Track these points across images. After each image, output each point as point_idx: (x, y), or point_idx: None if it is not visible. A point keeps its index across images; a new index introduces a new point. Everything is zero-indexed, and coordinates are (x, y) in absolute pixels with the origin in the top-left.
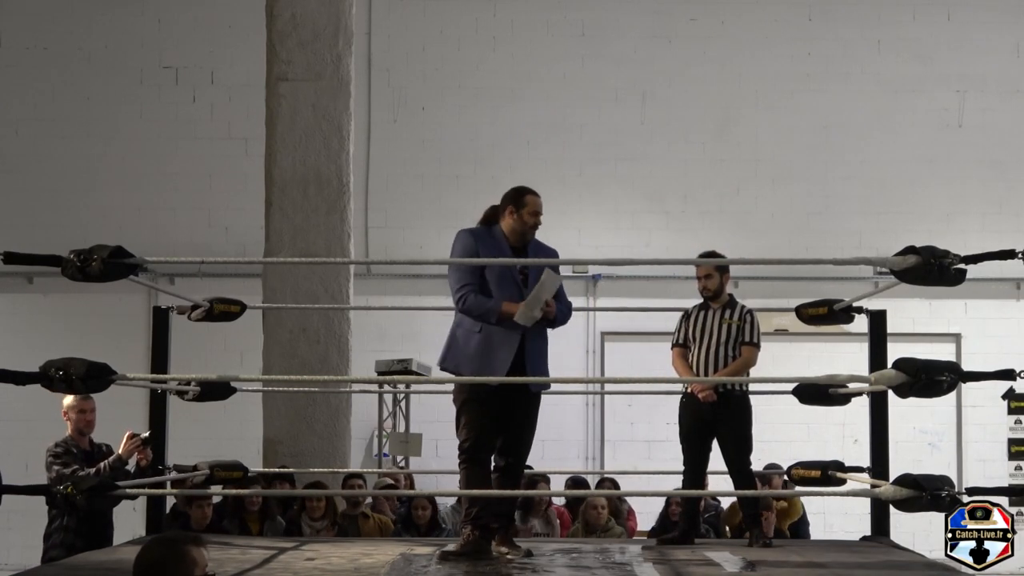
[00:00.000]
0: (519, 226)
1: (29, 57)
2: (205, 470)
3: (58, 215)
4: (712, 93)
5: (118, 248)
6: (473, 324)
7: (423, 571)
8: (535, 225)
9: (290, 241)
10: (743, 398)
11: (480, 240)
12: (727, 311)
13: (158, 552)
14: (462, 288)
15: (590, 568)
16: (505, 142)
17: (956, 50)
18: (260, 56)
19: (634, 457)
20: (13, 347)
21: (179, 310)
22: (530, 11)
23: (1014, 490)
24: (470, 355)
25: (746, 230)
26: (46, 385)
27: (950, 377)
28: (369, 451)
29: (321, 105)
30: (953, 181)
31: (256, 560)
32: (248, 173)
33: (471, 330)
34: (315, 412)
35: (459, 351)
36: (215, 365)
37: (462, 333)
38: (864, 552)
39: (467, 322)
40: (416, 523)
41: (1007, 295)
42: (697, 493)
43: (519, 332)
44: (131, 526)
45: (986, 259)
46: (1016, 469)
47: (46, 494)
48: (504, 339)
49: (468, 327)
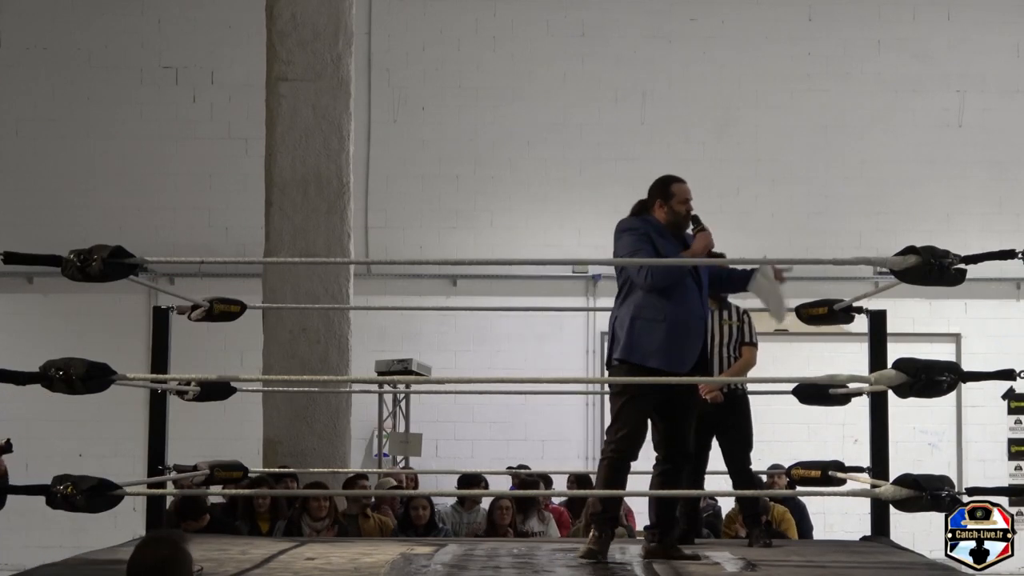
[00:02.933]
0: (671, 217)
1: (29, 57)
2: (205, 470)
3: (58, 215)
4: (712, 93)
5: (118, 248)
6: (656, 313)
7: (423, 571)
8: (688, 212)
9: (290, 241)
10: (744, 398)
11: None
12: (724, 312)
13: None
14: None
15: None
16: (505, 142)
17: (956, 50)
18: (260, 56)
19: None
20: (13, 347)
21: (179, 310)
22: (530, 11)
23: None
24: (657, 347)
25: (746, 230)
26: (46, 385)
27: (950, 377)
28: (369, 451)
29: (321, 105)
30: (953, 181)
31: (256, 560)
32: (248, 173)
33: (654, 319)
34: (315, 412)
35: (644, 344)
36: (215, 365)
37: (643, 324)
38: (864, 552)
39: (648, 312)
40: (415, 523)
41: (1007, 295)
42: (697, 493)
43: (703, 316)
44: (131, 526)
45: (986, 259)
46: (1016, 469)
47: (46, 494)
48: (692, 325)
49: (650, 316)
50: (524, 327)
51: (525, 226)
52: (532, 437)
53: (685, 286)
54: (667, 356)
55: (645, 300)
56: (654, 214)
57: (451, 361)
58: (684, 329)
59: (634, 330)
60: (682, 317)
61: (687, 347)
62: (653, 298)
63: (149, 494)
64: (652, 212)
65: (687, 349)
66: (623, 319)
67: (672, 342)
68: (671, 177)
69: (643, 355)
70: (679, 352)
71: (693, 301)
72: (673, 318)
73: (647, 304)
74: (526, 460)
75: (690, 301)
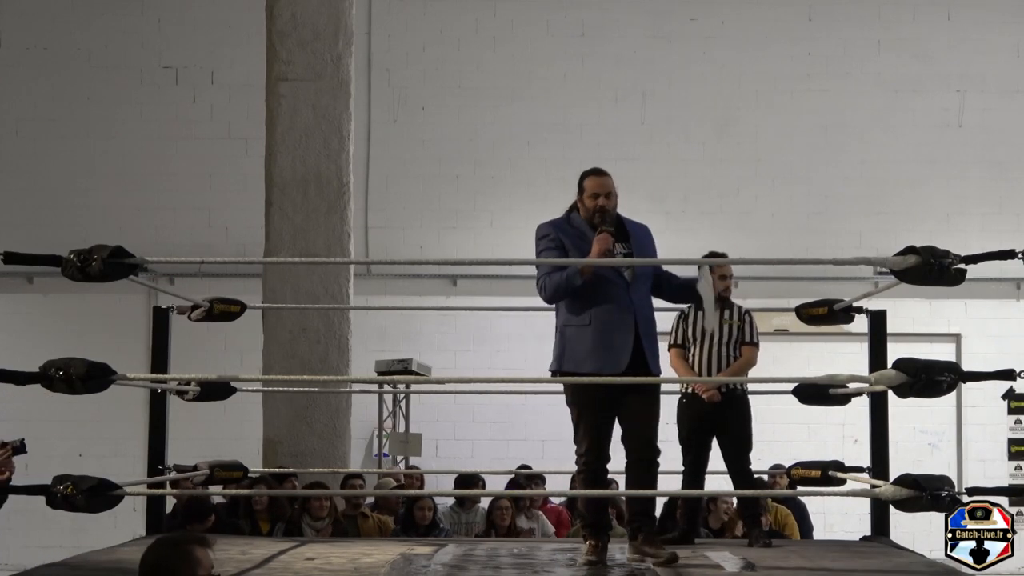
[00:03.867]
0: (586, 212)
1: (29, 57)
2: (205, 470)
3: (58, 215)
4: (712, 93)
5: (118, 248)
6: (582, 318)
7: (423, 571)
8: (602, 206)
9: (290, 241)
10: (744, 398)
11: (559, 229)
12: (726, 311)
13: (162, 553)
14: (539, 279)
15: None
16: (505, 142)
17: (956, 50)
18: (260, 56)
19: None
20: (13, 347)
21: (179, 310)
22: (530, 11)
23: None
24: (588, 351)
25: (746, 230)
26: (46, 385)
27: (950, 377)
28: (369, 451)
29: (321, 105)
30: (953, 181)
31: (256, 560)
32: (248, 173)
33: (581, 324)
34: (315, 412)
35: (575, 350)
36: (215, 365)
37: (572, 331)
38: (864, 552)
39: (574, 318)
40: (418, 523)
41: (1007, 295)
42: (697, 493)
43: (631, 312)
44: (131, 526)
45: (986, 259)
46: (1016, 469)
47: (46, 494)
48: (620, 324)
49: (576, 322)
50: (524, 327)
51: (525, 226)
52: (532, 437)
53: (608, 283)
54: (599, 358)
55: (571, 307)
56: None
57: (451, 361)
58: (612, 328)
59: (565, 338)
60: (607, 316)
61: (617, 345)
62: (576, 302)
63: (149, 494)
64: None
65: (618, 347)
66: (558, 328)
67: (601, 343)
68: (587, 171)
69: (575, 362)
70: (610, 352)
71: (619, 297)
72: (599, 319)
73: (572, 310)
74: (526, 460)
75: (615, 298)
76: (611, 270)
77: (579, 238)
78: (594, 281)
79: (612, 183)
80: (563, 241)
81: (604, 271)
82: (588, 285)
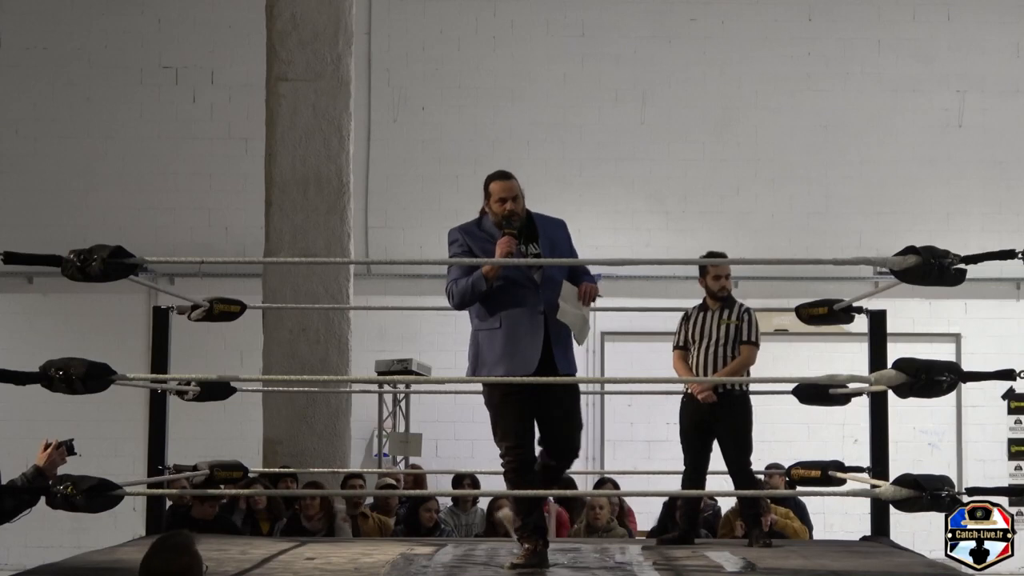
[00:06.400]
0: (493, 216)
1: (29, 57)
2: (205, 470)
3: (58, 215)
4: (712, 93)
5: (118, 248)
6: (492, 321)
7: (423, 571)
8: (510, 211)
9: (290, 241)
10: (743, 398)
11: (468, 234)
12: (725, 311)
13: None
14: (447, 285)
15: (590, 568)
16: (505, 142)
17: (956, 50)
18: (260, 56)
19: (634, 457)
20: (13, 347)
21: (179, 310)
22: (530, 11)
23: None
24: (498, 355)
25: (746, 230)
26: (46, 385)
27: (950, 377)
28: (369, 451)
29: (321, 105)
30: (953, 181)
31: (256, 560)
32: (248, 173)
33: (491, 328)
34: (315, 412)
35: (486, 354)
36: (215, 365)
37: (484, 336)
38: (864, 552)
39: (485, 322)
40: (424, 524)
41: (1007, 295)
42: (697, 493)
43: (541, 315)
44: (131, 526)
45: (986, 259)
46: (1016, 469)
47: (46, 494)
48: (528, 327)
49: (487, 326)
50: None
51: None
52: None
53: (515, 285)
54: (509, 361)
55: (479, 311)
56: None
57: (451, 361)
58: (521, 330)
59: (477, 342)
60: (516, 318)
61: (526, 346)
62: (487, 308)
63: (149, 494)
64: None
65: (527, 348)
66: (472, 332)
67: (511, 346)
68: (491, 175)
69: (487, 366)
70: (519, 354)
71: (528, 298)
72: (508, 323)
73: (483, 315)
74: None
75: (524, 300)
76: (520, 272)
77: (487, 242)
78: (503, 284)
79: (518, 185)
80: (471, 246)
81: (512, 274)
82: (497, 289)
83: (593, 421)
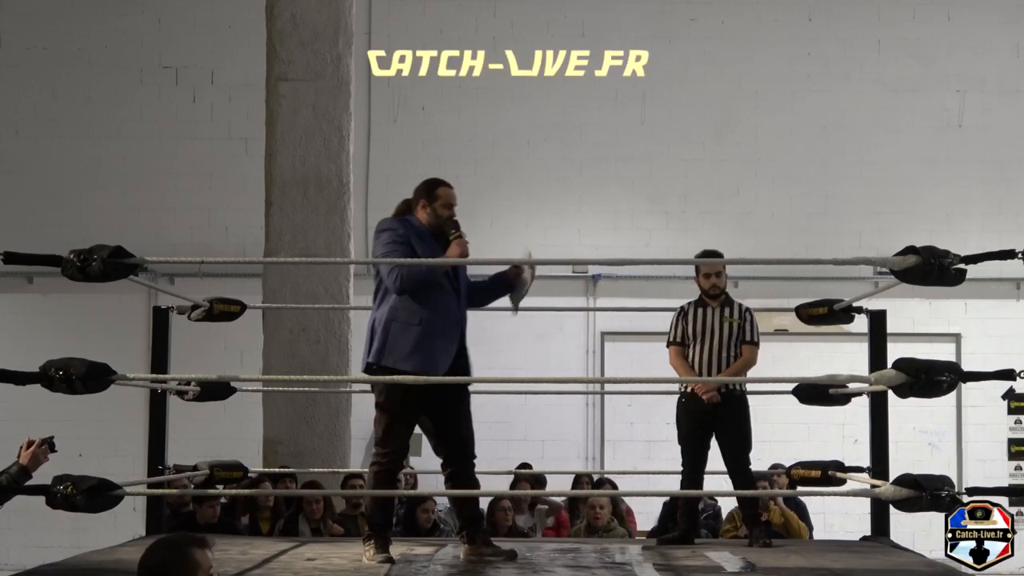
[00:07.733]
0: (434, 219)
1: (29, 57)
2: (205, 470)
3: (58, 215)
4: (712, 93)
5: (118, 248)
6: (411, 316)
7: (423, 571)
8: (450, 218)
9: (290, 241)
10: (743, 398)
11: (406, 226)
12: (726, 309)
13: (161, 555)
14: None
15: (590, 568)
16: (505, 142)
17: (956, 50)
18: (260, 56)
19: (634, 457)
20: (13, 347)
21: (179, 310)
22: (530, 11)
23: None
24: (411, 350)
25: (746, 230)
26: (46, 385)
27: (950, 377)
28: (369, 451)
29: (321, 105)
30: (953, 181)
31: (256, 560)
32: (248, 173)
33: (409, 322)
34: (315, 412)
35: (397, 347)
36: (215, 365)
37: (397, 327)
38: (864, 552)
39: (403, 315)
40: (422, 525)
41: (1007, 295)
42: (697, 493)
43: (460, 320)
44: (131, 526)
45: (986, 259)
46: (1016, 469)
47: (46, 494)
48: (447, 329)
49: (405, 320)
50: (524, 327)
51: (525, 226)
52: (532, 437)
53: (441, 289)
54: (421, 359)
55: (400, 303)
56: (417, 215)
57: None
58: (439, 332)
59: (389, 333)
60: (437, 321)
61: (440, 349)
62: (408, 301)
63: (149, 494)
64: (415, 212)
65: (440, 351)
66: (380, 321)
67: (425, 345)
68: (438, 180)
69: (396, 359)
70: (432, 354)
71: (449, 305)
72: (428, 321)
73: (402, 307)
74: (526, 460)
75: (446, 305)
76: (445, 278)
77: (420, 239)
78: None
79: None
80: (410, 239)
81: (439, 278)
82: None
83: (593, 421)
